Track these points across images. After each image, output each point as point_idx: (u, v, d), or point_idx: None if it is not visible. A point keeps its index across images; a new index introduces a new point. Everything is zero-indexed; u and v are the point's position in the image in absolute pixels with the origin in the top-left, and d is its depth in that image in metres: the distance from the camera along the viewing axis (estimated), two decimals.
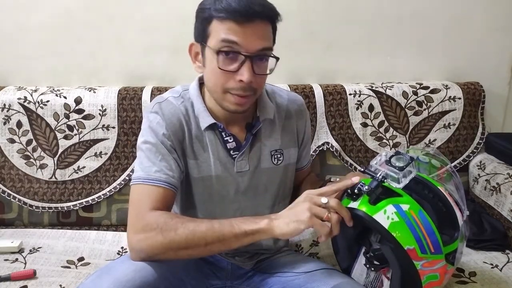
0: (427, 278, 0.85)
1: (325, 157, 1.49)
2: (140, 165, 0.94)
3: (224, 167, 1.01)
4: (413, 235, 0.82)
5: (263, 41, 0.90)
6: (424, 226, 0.83)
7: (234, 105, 0.93)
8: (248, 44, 0.88)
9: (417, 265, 0.83)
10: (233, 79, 0.90)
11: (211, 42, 0.90)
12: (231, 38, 0.87)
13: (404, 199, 0.85)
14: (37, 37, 1.50)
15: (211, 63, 0.91)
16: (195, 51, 0.97)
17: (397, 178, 0.85)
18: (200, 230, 0.84)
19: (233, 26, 0.87)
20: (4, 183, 1.41)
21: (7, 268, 1.16)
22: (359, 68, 1.60)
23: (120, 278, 0.79)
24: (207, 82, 0.96)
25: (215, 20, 0.88)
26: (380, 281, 0.93)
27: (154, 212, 0.88)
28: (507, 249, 1.29)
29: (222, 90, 0.92)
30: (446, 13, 1.58)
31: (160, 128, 0.96)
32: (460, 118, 1.52)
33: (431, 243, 0.83)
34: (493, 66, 1.63)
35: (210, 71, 0.93)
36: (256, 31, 0.88)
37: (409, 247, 0.82)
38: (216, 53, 0.89)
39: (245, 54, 0.88)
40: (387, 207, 0.84)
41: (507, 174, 1.38)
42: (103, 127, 1.41)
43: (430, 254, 0.83)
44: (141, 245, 0.86)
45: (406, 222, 0.82)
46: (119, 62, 1.53)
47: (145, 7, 1.49)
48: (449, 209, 0.88)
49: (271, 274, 1.03)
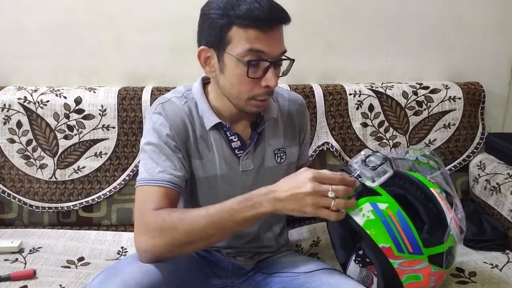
0: (408, 278, 0.86)
1: (325, 157, 1.49)
2: (144, 166, 0.94)
3: (229, 166, 1.01)
4: (388, 234, 0.83)
5: (282, 45, 0.92)
6: (401, 226, 0.84)
7: (257, 108, 0.96)
8: (272, 51, 0.89)
9: (394, 264, 0.84)
10: (259, 85, 0.92)
11: (234, 50, 0.89)
12: (257, 47, 0.87)
13: (383, 198, 0.86)
14: (37, 37, 1.50)
15: (234, 71, 0.91)
16: (206, 56, 0.95)
17: (370, 177, 0.86)
18: (199, 224, 0.84)
19: (258, 34, 0.87)
20: (4, 183, 1.41)
21: (7, 268, 1.16)
22: (359, 68, 1.60)
23: (127, 281, 0.79)
24: (228, 89, 0.95)
25: (236, 27, 0.87)
26: (370, 278, 0.95)
27: (155, 211, 0.88)
28: (507, 249, 1.29)
29: (248, 97, 0.93)
30: (446, 13, 1.58)
31: (163, 128, 0.96)
32: (460, 118, 1.52)
33: (409, 243, 0.83)
34: (493, 66, 1.63)
35: (235, 79, 0.92)
36: (278, 36, 0.90)
37: (384, 245, 0.83)
38: (245, 64, 0.88)
39: (270, 61, 0.89)
40: (364, 205, 0.85)
41: (507, 174, 1.38)
42: (103, 127, 1.41)
43: (409, 254, 0.83)
44: (146, 246, 0.85)
45: (382, 220, 0.83)
46: (119, 62, 1.53)
47: (145, 7, 1.49)
48: (439, 210, 0.88)
49: (272, 274, 1.03)
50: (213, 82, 1.00)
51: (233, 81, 0.92)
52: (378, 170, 0.86)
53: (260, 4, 0.86)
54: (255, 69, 0.90)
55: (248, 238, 1.07)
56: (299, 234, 1.38)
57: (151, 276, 0.82)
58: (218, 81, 0.96)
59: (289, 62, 0.95)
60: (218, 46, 0.91)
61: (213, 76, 0.96)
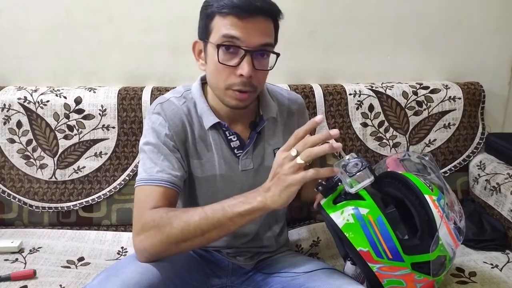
0: (389, 282, 0.86)
1: (325, 157, 1.49)
2: (143, 166, 0.94)
3: (228, 166, 1.01)
4: (367, 238, 0.84)
5: (263, 36, 0.90)
6: (380, 232, 0.84)
7: (234, 100, 0.93)
8: (248, 39, 0.88)
9: (373, 267, 0.85)
10: (234, 74, 0.91)
11: (213, 37, 0.90)
12: (232, 33, 0.88)
13: (366, 203, 0.86)
14: (37, 37, 1.50)
15: (212, 58, 0.92)
16: (199, 48, 0.97)
17: (349, 182, 0.86)
18: (194, 220, 0.83)
19: (235, 21, 0.87)
20: (4, 183, 1.41)
21: (7, 268, 1.16)
22: (359, 68, 1.60)
23: (127, 281, 0.79)
24: (209, 79, 0.97)
25: (217, 16, 0.89)
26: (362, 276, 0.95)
27: (152, 210, 0.88)
28: (507, 249, 1.29)
29: (224, 86, 0.93)
30: (446, 13, 1.58)
31: (162, 128, 0.96)
32: (460, 118, 1.52)
33: (387, 249, 0.84)
34: (493, 66, 1.63)
35: (212, 67, 0.93)
36: (257, 26, 0.89)
37: (362, 249, 0.84)
38: (216, 47, 0.89)
39: (245, 49, 0.88)
40: (345, 208, 0.86)
41: (507, 174, 1.38)
42: (103, 127, 1.41)
43: (388, 260, 0.84)
44: (143, 245, 0.85)
45: (361, 225, 0.84)
46: (119, 62, 1.53)
47: (145, 7, 1.49)
48: (430, 218, 0.87)
49: (272, 274, 1.03)
50: None
51: (212, 69, 0.93)
52: (356, 176, 0.85)
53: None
54: (230, 56, 0.90)
55: (248, 238, 1.07)
56: (299, 234, 1.38)
57: (150, 276, 0.82)
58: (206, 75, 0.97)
59: (276, 57, 0.94)
60: (204, 37, 0.93)
61: (204, 70, 0.98)
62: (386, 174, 0.98)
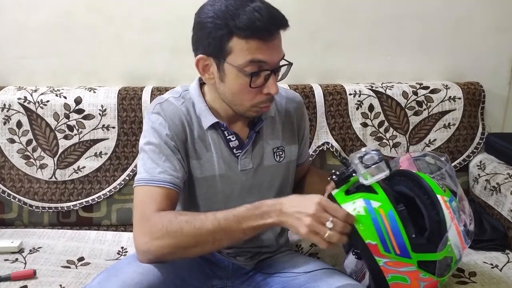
0: (393, 277, 0.86)
1: (325, 157, 1.49)
2: (144, 166, 0.94)
3: (228, 166, 1.01)
4: (376, 232, 0.83)
5: (281, 51, 0.92)
6: (390, 226, 0.84)
7: (258, 113, 0.98)
8: (272, 59, 0.90)
9: (379, 261, 0.84)
10: (260, 93, 0.92)
11: (235, 60, 0.89)
12: (259, 58, 0.88)
13: (378, 196, 0.86)
14: (37, 37, 1.50)
15: (236, 81, 0.91)
16: (204, 64, 0.94)
17: (364, 174, 0.86)
18: (207, 228, 0.84)
19: (259, 45, 0.87)
20: (4, 183, 1.41)
21: (7, 268, 1.16)
22: (359, 68, 1.60)
23: (127, 281, 0.79)
24: (229, 96, 0.95)
25: (237, 38, 0.87)
26: (363, 272, 0.95)
27: (159, 213, 0.88)
28: (507, 249, 1.29)
29: (250, 105, 0.94)
30: (446, 13, 1.58)
31: (163, 128, 0.96)
32: (460, 118, 1.52)
33: (396, 244, 0.83)
34: (493, 66, 1.63)
35: (236, 88, 0.92)
36: (277, 43, 0.90)
37: (370, 242, 0.84)
38: (248, 75, 0.89)
39: (271, 70, 0.90)
40: (357, 200, 0.86)
41: (507, 174, 1.38)
42: (103, 127, 1.41)
43: (395, 255, 0.84)
44: (148, 247, 0.85)
45: (372, 218, 0.84)
46: (119, 62, 1.53)
47: (145, 7, 1.49)
48: (441, 219, 0.87)
49: (272, 274, 1.03)
50: (210, 86, 0.99)
51: (235, 90, 0.93)
52: (372, 168, 0.86)
53: (261, 14, 0.85)
54: (256, 78, 0.90)
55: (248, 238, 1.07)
56: None
57: (151, 276, 0.82)
58: (217, 88, 0.96)
59: (288, 65, 0.95)
60: (217, 55, 0.91)
61: (212, 83, 0.96)
62: (398, 173, 0.97)
